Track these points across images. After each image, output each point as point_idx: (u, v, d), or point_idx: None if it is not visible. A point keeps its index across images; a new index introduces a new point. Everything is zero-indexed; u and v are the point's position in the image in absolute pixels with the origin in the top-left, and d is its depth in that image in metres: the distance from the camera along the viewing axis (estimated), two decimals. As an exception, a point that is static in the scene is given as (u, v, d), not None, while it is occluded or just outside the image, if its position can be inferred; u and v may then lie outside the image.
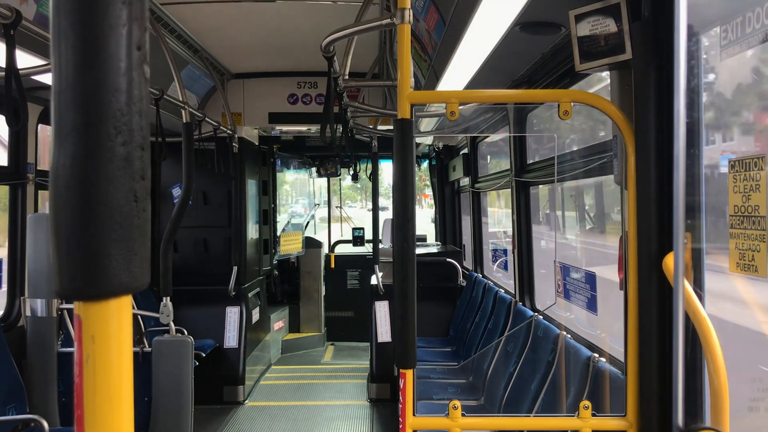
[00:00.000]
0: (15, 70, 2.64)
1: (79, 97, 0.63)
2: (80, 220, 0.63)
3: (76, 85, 0.63)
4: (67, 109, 0.63)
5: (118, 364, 0.66)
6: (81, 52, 0.63)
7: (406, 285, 2.21)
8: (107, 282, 0.64)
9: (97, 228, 0.63)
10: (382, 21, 2.57)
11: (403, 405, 2.30)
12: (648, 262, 2.16)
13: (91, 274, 0.64)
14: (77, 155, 0.63)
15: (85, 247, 0.63)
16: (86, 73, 0.63)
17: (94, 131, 0.63)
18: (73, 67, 0.63)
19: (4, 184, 4.74)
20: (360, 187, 11.11)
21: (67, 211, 0.64)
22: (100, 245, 0.64)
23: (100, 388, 0.65)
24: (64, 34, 0.63)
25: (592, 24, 2.41)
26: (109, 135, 0.64)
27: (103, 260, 0.64)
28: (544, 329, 4.01)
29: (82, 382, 0.65)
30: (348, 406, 6.73)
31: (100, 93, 0.63)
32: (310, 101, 7.21)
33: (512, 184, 4.94)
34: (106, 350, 0.66)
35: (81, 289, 0.65)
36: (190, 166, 4.70)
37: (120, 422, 0.66)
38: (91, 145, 0.63)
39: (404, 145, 2.23)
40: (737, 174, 1.89)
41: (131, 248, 0.66)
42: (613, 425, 2.30)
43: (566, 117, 2.27)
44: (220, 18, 5.19)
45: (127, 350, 0.67)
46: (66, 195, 0.64)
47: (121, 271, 0.65)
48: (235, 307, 7.00)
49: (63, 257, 0.64)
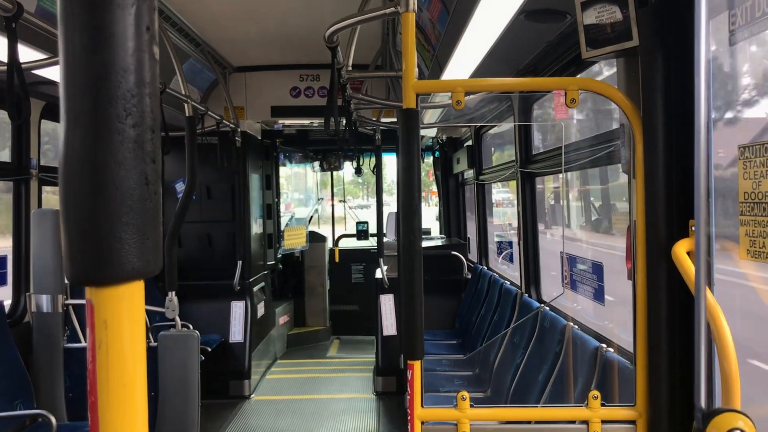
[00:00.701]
0: (17, 64, 2.63)
1: (88, 78, 0.62)
2: (91, 204, 0.62)
3: (85, 66, 0.62)
4: (76, 91, 0.62)
5: (131, 350, 0.65)
6: (89, 33, 0.62)
7: (413, 276, 2.20)
8: (119, 267, 0.63)
9: (108, 211, 0.62)
10: (386, 10, 2.55)
11: (412, 396, 2.30)
12: (657, 250, 2.15)
13: (103, 258, 0.62)
14: (87, 138, 0.62)
15: (96, 232, 0.62)
16: (95, 54, 0.62)
17: (104, 113, 0.62)
18: (81, 48, 0.62)
19: (7, 180, 4.73)
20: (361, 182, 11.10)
21: (77, 195, 0.62)
22: (112, 229, 0.62)
23: (113, 373, 0.64)
24: (72, 14, 0.62)
25: (599, 11, 2.39)
26: (119, 117, 0.62)
27: (114, 244, 0.62)
28: (550, 320, 4.00)
29: (95, 368, 0.63)
30: (354, 399, 6.73)
31: (109, 74, 0.62)
32: (312, 94, 7.19)
33: (517, 175, 4.92)
34: (118, 336, 0.64)
35: (93, 275, 0.63)
36: (193, 160, 4.68)
37: (134, 407, 0.65)
38: (101, 128, 0.62)
39: (410, 136, 2.21)
40: (747, 160, 1.87)
41: (143, 232, 0.64)
42: (623, 415, 2.29)
43: (573, 105, 2.26)
44: (222, 11, 5.16)
45: (140, 336, 0.66)
46: (76, 178, 0.62)
47: (134, 255, 0.64)
48: (241, 302, 7.00)
49: (74, 242, 0.63)
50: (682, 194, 2.10)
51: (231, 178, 7.14)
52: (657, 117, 2.13)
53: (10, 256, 4.68)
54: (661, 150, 2.13)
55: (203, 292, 6.95)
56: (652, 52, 2.15)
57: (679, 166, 2.11)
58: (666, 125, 2.12)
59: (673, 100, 2.11)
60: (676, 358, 2.12)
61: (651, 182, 2.17)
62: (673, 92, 2.11)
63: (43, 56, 3.50)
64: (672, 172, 2.12)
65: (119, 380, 0.64)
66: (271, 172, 8.72)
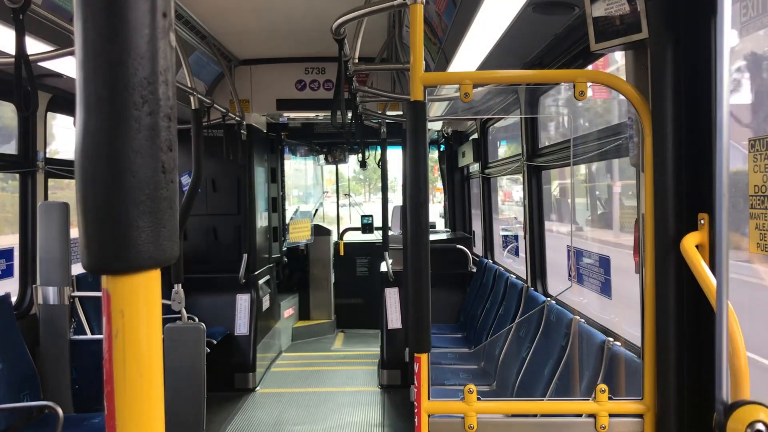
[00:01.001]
0: (25, 56, 2.62)
1: (105, 65, 0.61)
2: (107, 192, 0.62)
3: (101, 53, 0.61)
4: (92, 79, 0.61)
5: (147, 339, 0.65)
6: (106, 20, 0.61)
7: (420, 269, 2.20)
8: (136, 255, 0.63)
9: (124, 200, 0.62)
10: (395, 1, 2.54)
11: (418, 389, 2.30)
12: (665, 244, 2.14)
13: (119, 247, 0.62)
14: (103, 126, 0.62)
15: (112, 220, 0.62)
16: (111, 41, 0.61)
17: (120, 100, 0.61)
18: (98, 35, 0.61)
19: (14, 172, 4.74)
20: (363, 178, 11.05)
21: (94, 184, 0.62)
22: (128, 218, 0.62)
23: (130, 363, 0.64)
24: (88, 1, 0.61)
25: (608, 3, 2.37)
26: (135, 104, 0.62)
27: (131, 233, 0.62)
28: (556, 314, 3.99)
29: (112, 357, 0.63)
30: (359, 392, 6.74)
31: (125, 61, 0.62)
32: (318, 87, 7.18)
33: (524, 169, 4.91)
34: (135, 325, 0.64)
35: (109, 263, 0.63)
36: (199, 153, 4.69)
37: (150, 397, 0.65)
38: (117, 115, 0.61)
39: (417, 128, 2.21)
40: (758, 154, 1.86)
41: (160, 220, 0.64)
42: (630, 409, 2.29)
43: (582, 98, 2.24)
44: (227, 3, 5.15)
45: (156, 325, 0.66)
46: (92, 167, 0.62)
47: (150, 243, 0.63)
48: (246, 295, 7.01)
49: (90, 231, 0.62)
50: (692, 187, 2.09)
51: (236, 171, 7.14)
52: (666, 109, 2.12)
53: (17, 248, 4.69)
54: (671, 142, 2.12)
55: (209, 285, 6.96)
56: (662, 45, 2.14)
57: (689, 158, 2.10)
58: (675, 118, 2.11)
59: (682, 92, 2.10)
60: (685, 351, 2.11)
61: (660, 175, 2.15)
62: (682, 85, 2.10)
63: (50, 48, 3.50)
64: (681, 164, 2.11)
65: (136, 370, 0.64)
66: (276, 165, 8.72)
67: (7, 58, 3.00)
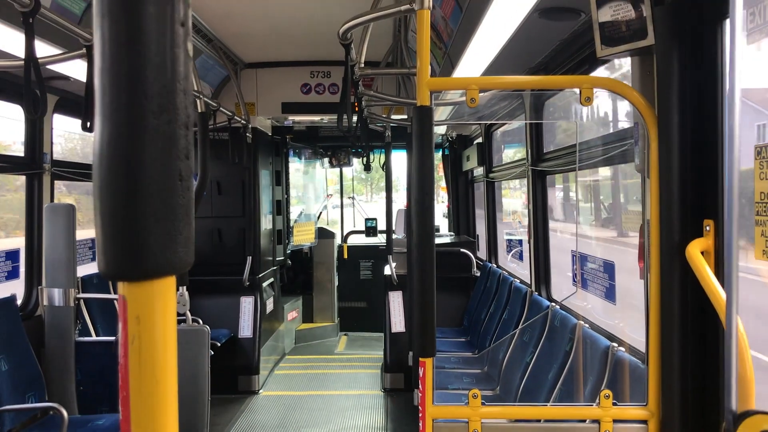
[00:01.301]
0: (34, 59, 2.64)
1: (123, 74, 0.62)
2: (124, 200, 0.63)
3: (120, 62, 0.62)
4: (111, 87, 0.62)
5: (163, 345, 0.66)
6: (124, 29, 0.62)
7: (425, 273, 2.20)
8: (152, 262, 0.64)
9: (141, 207, 0.63)
10: (401, 7, 2.55)
11: (423, 393, 2.30)
12: (670, 250, 2.15)
13: (136, 254, 0.63)
14: (121, 134, 0.63)
15: (129, 227, 0.63)
16: (129, 50, 0.62)
17: (138, 109, 0.62)
18: (116, 44, 0.62)
19: (20, 174, 4.76)
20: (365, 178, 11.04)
21: (111, 191, 0.63)
22: (145, 225, 0.63)
23: (146, 368, 0.65)
24: (107, 10, 0.62)
25: (614, 9, 2.38)
26: (153, 113, 0.63)
27: (148, 240, 0.63)
28: (561, 319, 3.99)
29: (128, 362, 0.64)
30: (362, 395, 6.74)
31: (144, 70, 0.63)
32: (323, 91, 7.19)
33: (528, 173, 4.91)
34: (151, 331, 0.65)
35: (125, 270, 0.64)
36: (205, 156, 4.70)
37: (165, 403, 0.66)
38: (135, 124, 0.62)
39: (423, 133, 2.22)
40: (764, 161, 1.86)
41: (176, 228, 0.65)
42: (635, 414, 2.29)
43: (588, 104, 2.25)
44: (234, 7, 5.17)
45: (171, 331, 0.67)
46: (110, 174, 0.63)
47: (166, 251, 0.64)
48: (250, 297, 7.02)
49: (107, 237, 0.63)
50: (697, 193, 2.10)
51: (241, 173, 7.15)
52: (672, 116, 2.13)
53: (23, 249, 4.71)
54: (676, 149, 2.12)
55: (213, 288, 6.97)
56: (668, 51, 2.15)
57: (694, 165, 2.11)
58: (681, 124, 2.12)
59: (688, 98, 2.10)
60: (689, 357, 2.11)
61: (665, 181, 2.16)
62: (688, 91, 2.10)
63: (58, 51, 3.52)
64: (687, 171, 2.11)
65: (151, 375, 0.65)
66: (281, 168, 8.74)
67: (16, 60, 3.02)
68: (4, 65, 3.41)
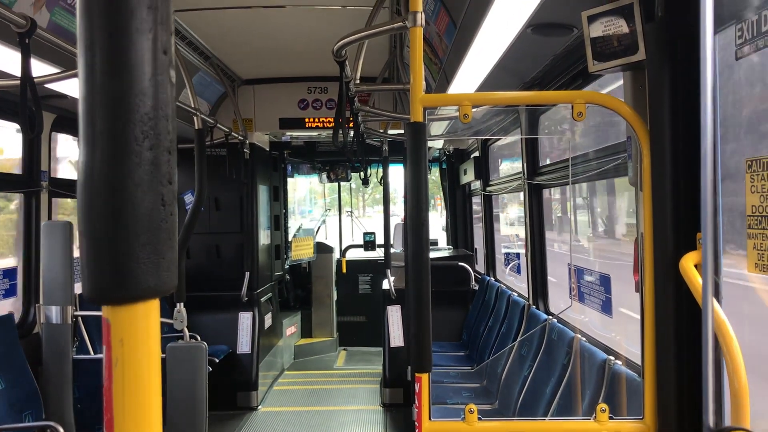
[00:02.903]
0: (30, 79, 2.66)
1: (106, 101, 0.63)
2: (108, 224, 0.64)
3: (103, 89, 0.63)
4: (95, 114, 0.64)
5: (147, 368, 0.66)
6: (108, 57, 0.63)
7: (421, 288, 2.20)
8: (135, 286, 0.64)
9: (125, 232, 0.64)
10: (394, 24, 2.57)
11: (419, 409, 2.30)
12: (664, 263, 2.15)
13: (120, 278, 0.64)
14: (105, 159, 0.64)
15: (113, 251, 0.64)
16: (113, 78, 0.63)
17: (122, 135, 0.64)
18: (100, 71, 0.63)
19: (18, 192, 4.77)
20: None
21: (95, 216, 0.64)
22: (129, 249, 0.64)
23: (129, 391, 0.65)
24: (91, 38, 0.63)
25: (605, 25, 2.40)
26: (136, 139, 0.64)
27: (131, 264, 0.64)
28: (558, 332, 3.99)
29: (111, 385, 0.65)
30: (361, 411, 6.72)
31: (127, 97, 0.64)
32: (320, 106, 7.23)
33: (524, 187, 4.93)
34: (134, 354, 0.66)
35: (110, 294, 0.65)
36: (202, 172, 4.71)
37: (150, 425, 0.66)
38: (119, 150, 0.64)
39: (417, 148, 2.23)
40: (755, 174, 1.87)
41: (159, 252, 0.66)
42: (631, 428, 2.28)
43: (580, 118, 2.27)
44: (230, 24, 5.21)
45: (155, 354, 0.67)
46: (94, 199, 0.64)
47: (150, 275, 0.65)
48: (248, 313, 7.01)
49: (91, 262, 0.64)
50: (690, 207, 2.11)
51: (239, 189, 7.17)
52: (664, 130, 2.14)
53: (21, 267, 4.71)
54: (669, 163, 2.14)
55: (211, 303, 6.96)
56: (659, 66, 2.16)
57: (687, 178, 2.11)
58: (673, 138, 2.13)
59: (680, 113, 2.11)
60: (685, 371, 2.11)
61: (658, 195, 2.17)
62: (680, 105, 2.11)
63: (54, 70, 3.54)
64: (679, 184, 2.12)
65: (135, 398, 0.65)
66: (279, 183, 8.75)
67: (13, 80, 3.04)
68: (2, 85, 3.43)
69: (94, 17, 0.64)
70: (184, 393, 4.25)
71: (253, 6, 4.79)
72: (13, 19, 2.63)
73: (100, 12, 0.63)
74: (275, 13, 4.95)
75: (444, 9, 3.35)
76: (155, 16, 0.65)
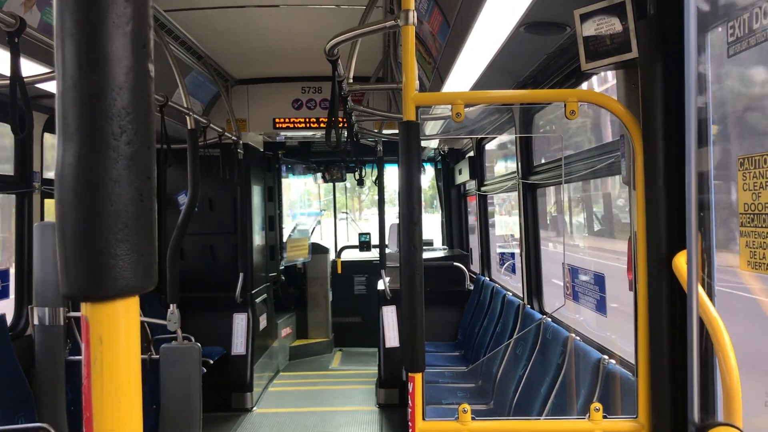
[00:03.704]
0: (20, 78, 2.64)
1: (83, 96, 0.62)
2: (86, 221, 0.62)
3: (80, 84, 0.62)
4: (72, 109, 0.63)
5: (126, 365, 0.65)
6: (85, 51, 0.62)
7: (414, 288, 2.20)
8: (114, 283, 0.63)
9: (103, 228, 0.63)
10: (387, 23, 2.57)
11: (413, 409, 2.29)
12: (658, 262, 2.15)
13: (98, 275, 0.63)
14: (82, 155, 0.62)
15: (91, 248, 0.62)
16: (90, 72, 0.62)
17: (99, 131, 0.62)
18: (76, 66, 0.62)
19: (10, 193, 4.74)
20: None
21: (73, 212, 0.63)
22: (107, 246, 0.63)
23: (108, 389, 0.64)
24: (67, 33, 0.62)
25: (598, 23, 2.40)
26: (113, 134, 0.63)
27: (109, 261, 0.63)
28: (553, 332, 3.98)
29: (90, 383, 0.64)
30: (357, 411, 6.70)
31: (104, 92, 0.63)
32: (314, 106, 7.21)
33: (519, 186, 4.92)
34: (114, 351, 0.65)
35: (88, 290, 0.64)
36: (195, 172, 4.70)
37: (129, 423, 0.65)
38: (96, 145, 0.62)
39: (410, 148, 2.22)
40: (747, 171, 1.87)
41: (138, 248, 0.65)
42: (625, 427, 2.28)
43: (573, 117, 2.26)
44: (224, 24, 5.19)
45: (135, 351, 0.66)
46: (72, 195, 0.63)
47: (128, 271, 0.64)
48: (243, 314, 6.99)
49: (69, 258, 0.63)
50: (683, 205, 2.10)
51: (233, 190, 7.15)
52: (657, 128, 2.14)
53: (13, 269, 4.68)
54: (661, 161, 2.13)
55: (205, 305, 6.93)
56: (652, 64, 2.16)
57: (680, 177, 2.11)
58: (666, 136, 2.13)
59: (672, 111, 2.11)
60: (678, 369, 2.11)
61: (651, 193, 2.16)
62: (672, 103, 2.11)
63: (45, 70, 3.52)
64: (672, 183, 2.12)
65: (114, 396, 0.64)
66: (273, 183, 8.74)
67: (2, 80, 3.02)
68: None
69: (69, 11, 0.62)
70: (178, 394, 4.24)
71: (246, 5, 4.78)
72: (2, 18, 2.62)
73: (75, 5, 0.62)
74: (269, 12, 4.94)
75: (437, 8, 3.34)
76: (133, 9, 0.64)
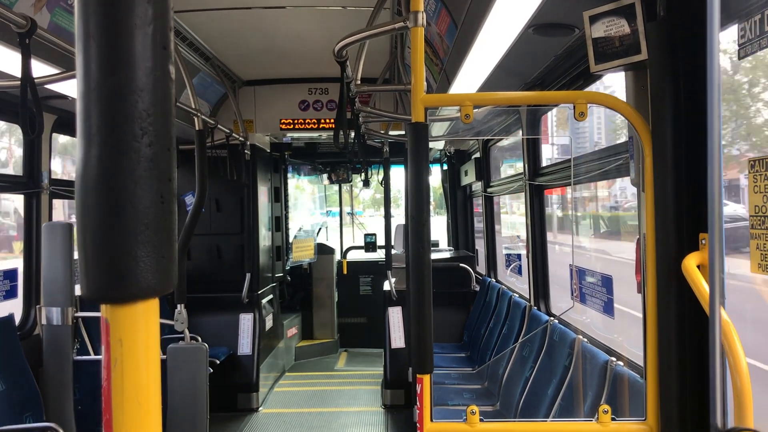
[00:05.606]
0: (30, 80, 2.65)
1: (105, 98, 0.63)
2: (107, 223, 0.63)
3: (102, 86, 0.63)
4: (93, 111, 0.63)
5: (146, 368, 0.66)
6: (106, 53, 0.62)
7: (422, 289, 2.20)
8: (135, 285, 0.63)
9: (124, 230, 0.63)
10: (395, 25, 2.57)
11: (421, 410, 2.29)
12: (667, 264, 2.14)
13: (119, 276, 0.63)
14: (103, 157, 0.63)
15: (112, 250, 0.63)
16: (112, 74, 0.63)
17: (120, 132, 0.63)
18: (98, 67, 0.62)
19: (18, 193, 4.76)
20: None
21: (93, 214, 0.63)
22: (128, 248, 0.63)
23: (128, 391, 0.64)
24: (89, 35, 0.63)
25: (607, 25, 2.40)
26: (135, 136, 0.63)
27: (130, 263, 0.63)
28: (560, 334, 3.98)
29: (110, 385, 0.64)
30: (362, 412, 6.70)
31: (125, 94, 0.63)
32: (321, 107, 7.22)
33: (525, 188, 4.92)
34: (133, 354, 0.65)
35: (108, 292, 0.64)
36: (203, 173, 4.71)
37: (149, 425, 0.65)
38: (117, 147, 0.63)
39: (418, 149, 2.22)
40: (758, 174, 1.86)
41: (159, 250, 0.65)
42: (633, 430, 2.27)
43: (582, 119, 2.26)
44: (231, 25, 5.20)
45: (154, 353, 0.67)
46: (92, 197, 0.63)
47: (149, 273, 0.64)
48: (249, 314, 7.00)
49: (90, 260, 0.63)
50: (692, 207, 2.10)
51: (240, 190, 7.16)
52: (666, 130, 2.13)
53: (21, 268, 4.70)
54: (671, 163, 2.13)
55: (212, 305, 6.94)
56: (661, 66, 2.15)
57: (689, 179, 2.11)
58: (675, 138, 2.12)
59: (682, 113, 2.11)
60: (688, 371, 2.10)
61: (660, 195, 2.16)
62: (682, 105, 2.11)
63: (55, 71, 3.53)
64: (681, 185, 2.11)
65: (134, 398, 0.64)
66: (279, 184, 8.75)
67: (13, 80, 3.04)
68: (2, 85, 3.42)
69: (91, 13, 0.63)
70: (184, 394, 4.25)
71: (253, 7, 4.79)
72: (13, 19, 2.63)
73: (97, 7, 0.63)
74: (276, 13, 4.95)
75: (445, 9, 3.34)
76: (154, 10, 0.64)
